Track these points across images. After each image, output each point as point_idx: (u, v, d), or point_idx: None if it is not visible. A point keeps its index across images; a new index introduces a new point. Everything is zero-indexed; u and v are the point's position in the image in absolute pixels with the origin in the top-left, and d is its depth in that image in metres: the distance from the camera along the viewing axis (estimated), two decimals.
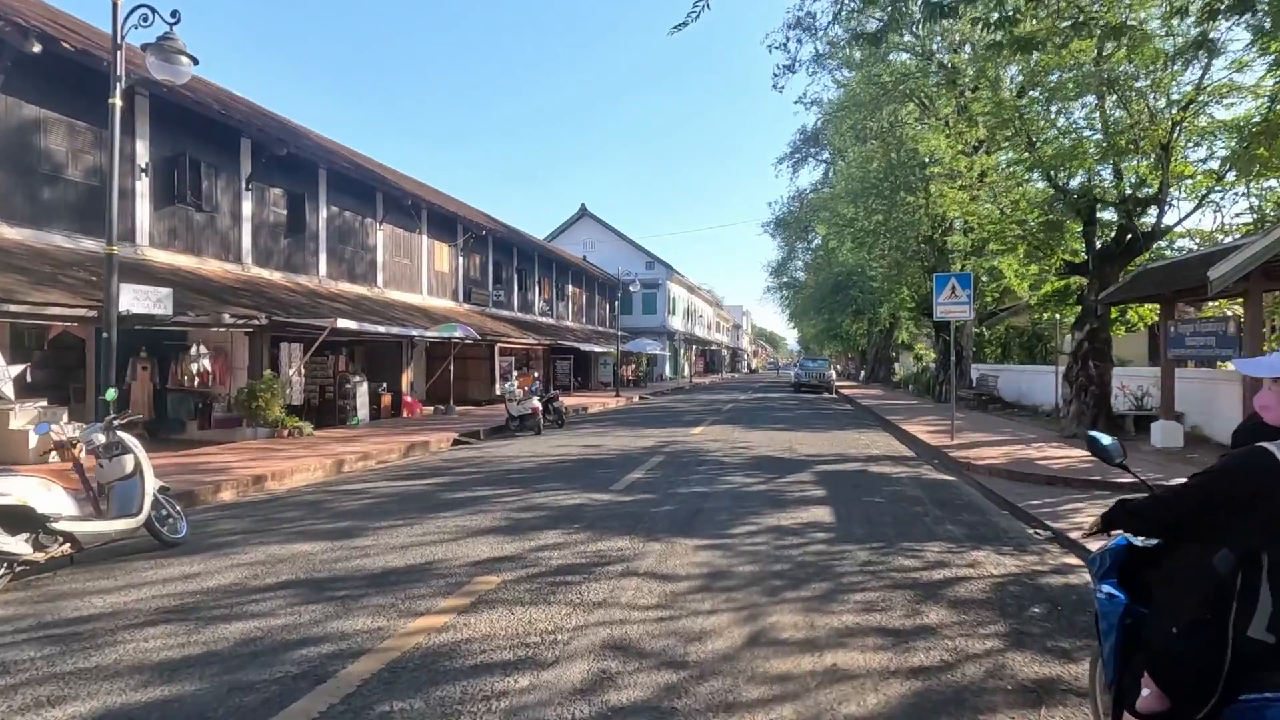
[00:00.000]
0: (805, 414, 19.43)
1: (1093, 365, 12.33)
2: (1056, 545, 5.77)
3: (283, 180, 16.83)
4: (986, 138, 14.96)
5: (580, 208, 52.07)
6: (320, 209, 18.16)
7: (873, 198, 22.20)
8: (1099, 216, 12.89)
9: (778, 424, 16.15)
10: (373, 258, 20.45)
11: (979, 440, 12.15)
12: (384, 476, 9.01)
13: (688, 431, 14.19)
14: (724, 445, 11.93)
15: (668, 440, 12.65)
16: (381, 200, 20.74)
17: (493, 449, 11.76)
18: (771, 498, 7.41)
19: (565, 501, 7.08)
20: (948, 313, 12.15)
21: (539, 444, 12.31)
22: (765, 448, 11.67)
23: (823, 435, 13.76)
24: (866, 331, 44.69)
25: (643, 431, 14.29)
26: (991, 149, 14.95)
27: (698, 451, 11.10)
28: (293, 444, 11.41)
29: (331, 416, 15.32)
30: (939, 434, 13.06)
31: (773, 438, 13.20)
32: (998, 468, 9.17)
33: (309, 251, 17.81)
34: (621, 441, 12.50)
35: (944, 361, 23.28)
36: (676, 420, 17.03)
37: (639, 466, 9.42)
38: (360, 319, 15.26)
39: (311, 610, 3.96)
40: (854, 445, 12.24)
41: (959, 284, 11.99)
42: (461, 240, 25.63)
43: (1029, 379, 20.02)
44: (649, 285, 51.55)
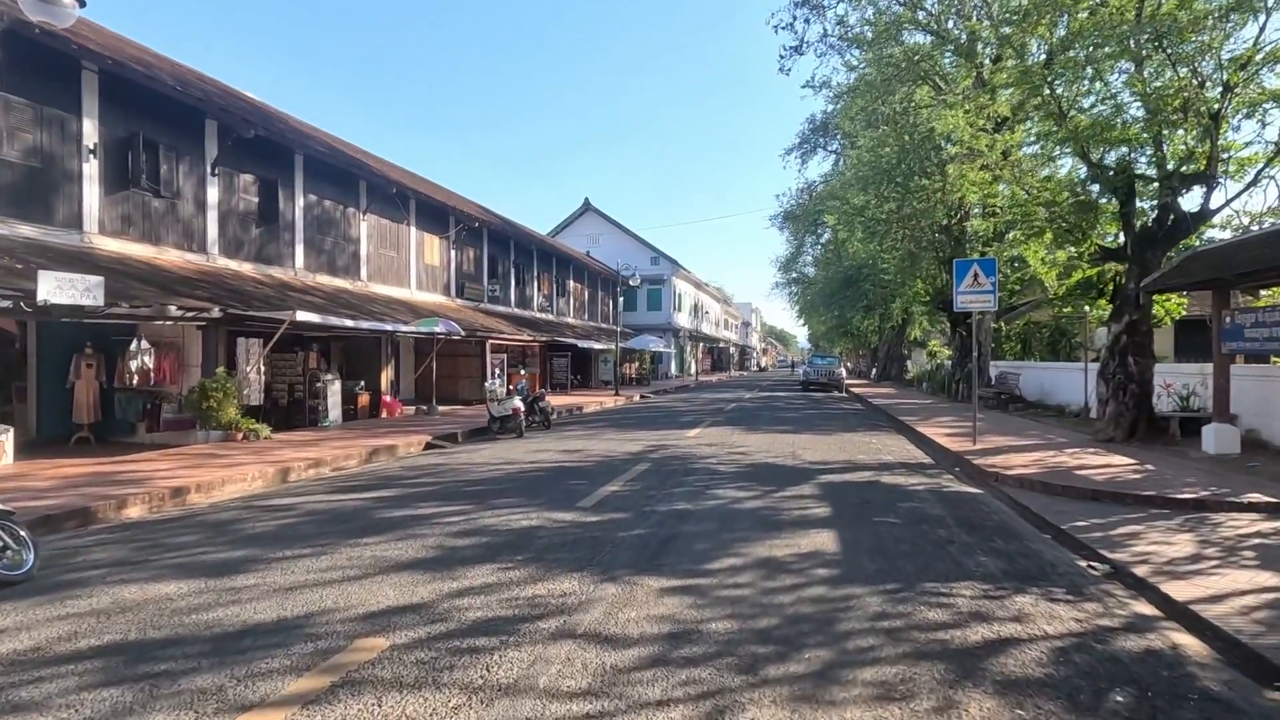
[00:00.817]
0: (812, 415, 18.20)
1: (1132, 361, 11.05)
2: (1120, 586, 4.56)
3: (254, 165, 15.79)
4: (1010, 114, 13.66)
5: (584, 202, 50.97)
6: (296, 197, 17.13)
7: (885, 184, 20.92)
8: (1138, 196, 11.59)
9: (781, 426, 14.94)
10: (356, 249, 19.40)
11: (1004, 444, 10.91)
12: (326, 488, 7.91)
13: (682, 434, 13.03)
14: (719, 451, 10.75)
15: (658, 444, 11.49)
16: (365, 189, 19.70)
17: (463, 455, 10.65)
18: (765, 518, 6.23)
19: (517, 523, 5.95)
20: (969, 302, 10.91)
21: (516, 449, 11.18)
22: (765, 454, 10.48)
23: (830, 439, 12.55)
24: (878, 328, 43.29)
25: (633, 434, 13.13)
26: (1015, 125, 13.65)
27: (688, 458, 9.93)
28: (242, 449, 10.35)
29: (301, 417, 14.27)
30: (959, 437, 11.82)
31: (774, 442, 12.01)
32: (1031, 479, 7.94)
33: (284, 242, 16.77)
34: (607, 446, 11.35)
35: (960, 358, 21.97)
36: (673, 421, 15.87)
37: (618, 477, 8.27)
38: (331, 313, 14.21)
39: (98, 700, 2.83)
40: (864, 450, 11.03)
41: (982, 270, 10.75)
42: (453, 232, 24.57)
43: (1053, 377, 18.68)
44: (654, 281, 50.39)
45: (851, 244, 25.27)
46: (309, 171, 17.46)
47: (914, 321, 40.36)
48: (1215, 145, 10.20)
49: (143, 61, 12.96)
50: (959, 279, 10.96)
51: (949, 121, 14.76)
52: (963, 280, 10.91)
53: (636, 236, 50.95)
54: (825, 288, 40.09)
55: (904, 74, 20.92)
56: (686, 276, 54.77)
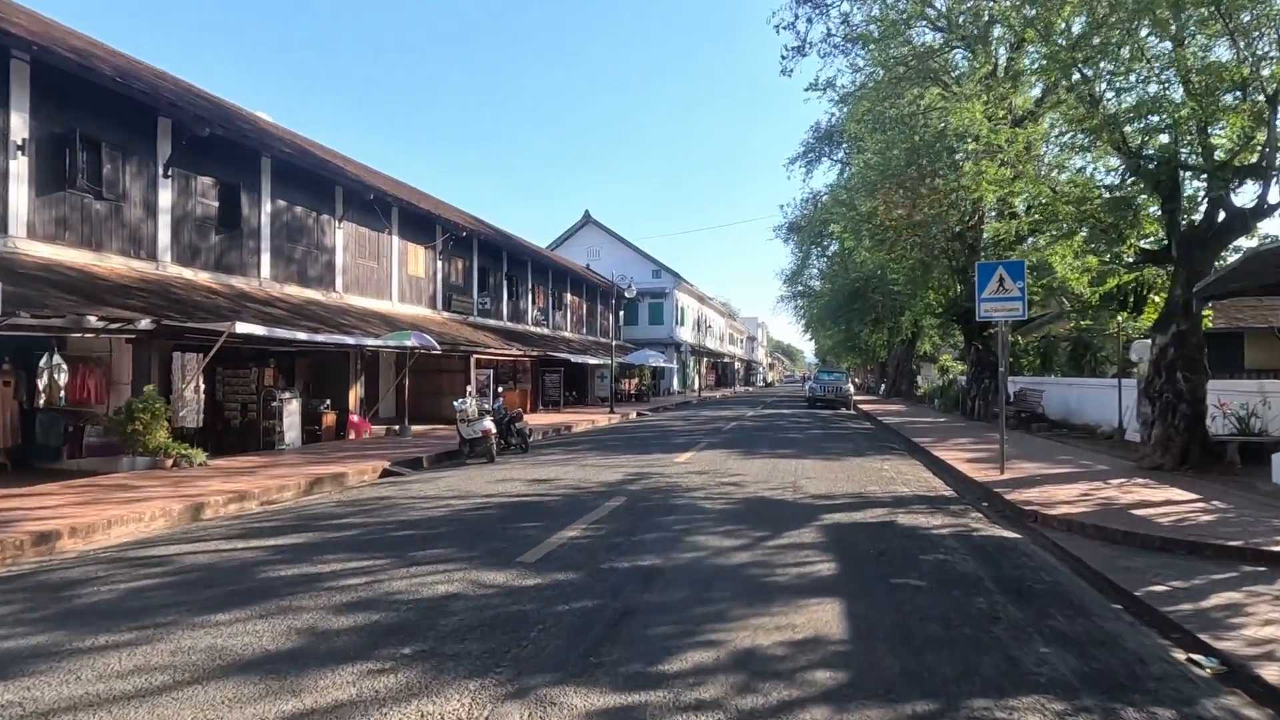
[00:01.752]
0: (817, 435, 16.81)
1: (1182, 378, 9.67)
2: (1246, 698, 3.20)
3: (214, 168, 14.68)
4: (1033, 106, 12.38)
5: (584, 214, 49.97)
6: (263, 202, 16.01)
7: (894, 189, 19.68)
8: (1184, 191, 10.27)
9: (784, 449, 13.57)
10: (330, 259, 18.26)
11: (1036, 473, 9.52)
12: (232, 532, 6.62)
13: (671, 460, 11.68)
14: (710, 481, 9.40)
15: (641, 472, 10.16)
16: (341, 195, 18.59)
17: (417, 485, 9.34)
18: (753, 580, 4.90)
19: (432, 589, 4.63)
20: (994, 310, 9.58)
21: (479, 477, 9.87)
22: (762, 484, 9.13)
23: (837, 465, 11.18)
24: (887, 342, 41.86)
25: (617, 459, 11.80)
26: (1039, 116, 12.37)
27: (672, 491, 8.59)
28: (162, 480, 9.08)
29: (255, 440, 13.02)
30: (982, 464, 10.44)
31: (774, 469, 10.65)
32: (1079, 520, 6.56)
33: (248, 250, 15.63)
34: (582, 474, 10.02)
35: (976, 373, 20.57)
36: (665, 443, 14.52)
37: (583, 517, 6.94)
38: (288, 325, 13.00)
39: None
40: (876, 479, 9.66)
41: (1008, 274, 9.42)
42: (440, 242, 23.44)
43: (1079, 394, 17.26)
44: (655, 295, 49.22)
45: (859, 253, 23.98)
46: (278, 175, 16.37)
47: (924, 335, 38.94)
48: (1276, 132, 8.90)
49: (78, 51, 11.86)
50: (982, 284, 9.64)
51: (964, 115, 13.50)
52: (986, 285, 9.59)
53: (638, 249, 49.87)
54: (832, 301, 38.78)
55: (912, 73, 19.76)
56: (689, 290, 53.57)
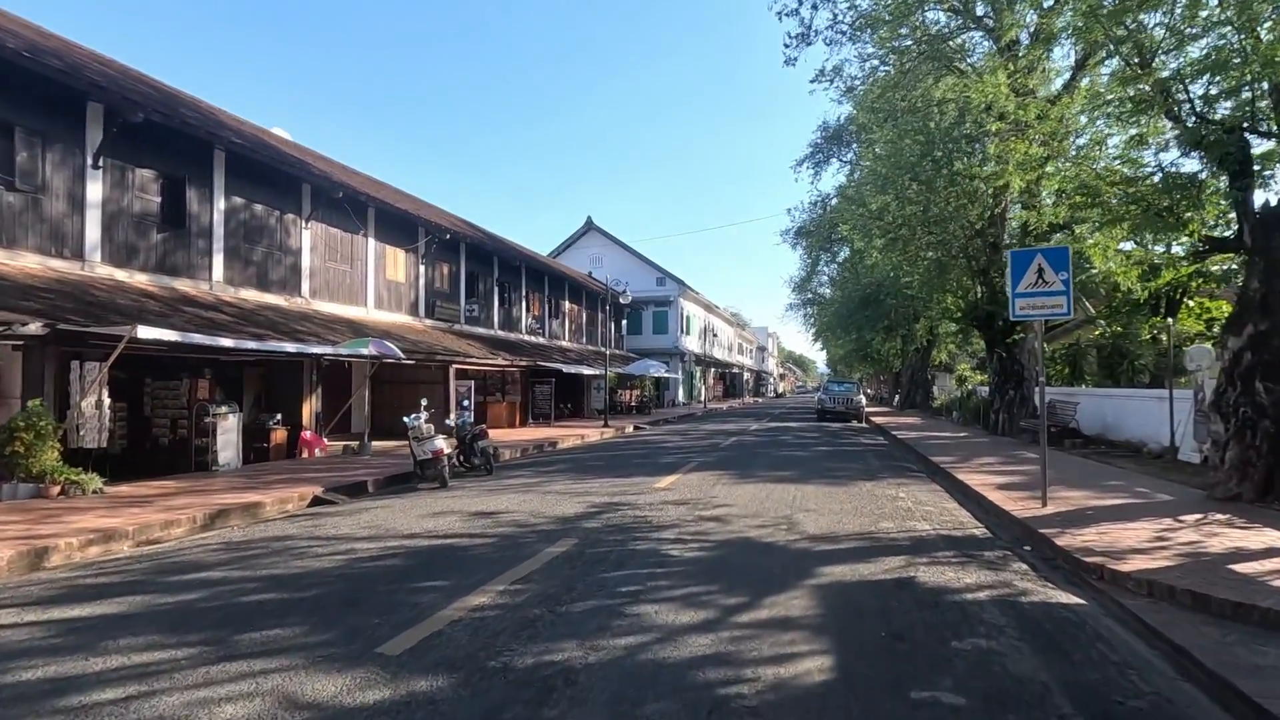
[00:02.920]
0: (824, 453, 15.12)
1: (1262, 388, 7.96)
2: None
3: (156, 160, 13.37)
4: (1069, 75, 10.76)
5: (586, 221, 48.65)
6: (215, 199, 14.67)
7: (907, 183, 18.09)
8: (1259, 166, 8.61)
9: (784, 470, 11.92)
10: (295, 262, 16.90)
11: (1086, 504, 7.83)
12: (42, 592, 5.10)
13: (651, 485, 10.08)
14: (687, 515, 7.78)
15: (610, 503, 8.56)
16: (309, 194, 17.26)
17: (334, 520, 7.80)
18: (706, 689, 3.30)
19: (211, 715, 3.07)
20: (1031, 308, 7.94)
21: (414, 509, 8.32)
22: (750, 519, 7.51)
23: (843, 492, 9.53)
24: (900, 350, 40.03)
25: (589, 485, 10.22)
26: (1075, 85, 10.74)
27: (636, 530, 6.98)
28: (29, 512, 7.58)
29: (187, 460, 11.57)
30: (1018, 491, 8.75)
31: (769, 497, 9.02)
32: (1165, 581, 4.89)
33: (197, 250, 14.28)
34: (540, 505, 8.44)
35: (999, 383, 18.80)
36: (651, 463, 12.91)
37: (506, 573, 5.37)
38: (226, 331, 11.59)
39: None
40: (889, 512, 8.01)
41: (1049, 264, 7.79)
42: (422, 244, 22.07)
43: (1119, 406, 15.47)
44: (660, 303, 47.73)
45: (870, 254, 22.32)
46: (234, 170, 15.04)
47: (940, 343, 37.09)
48: None
49: None
50: (1015, 277, 8.01)
51: (986, 90, 11.91)
52: (1021, 278, 7.96)
53: (641, 256, 48.43)
54: (842, 308, 37.07)
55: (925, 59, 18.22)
56: (695, 298, 52.01)
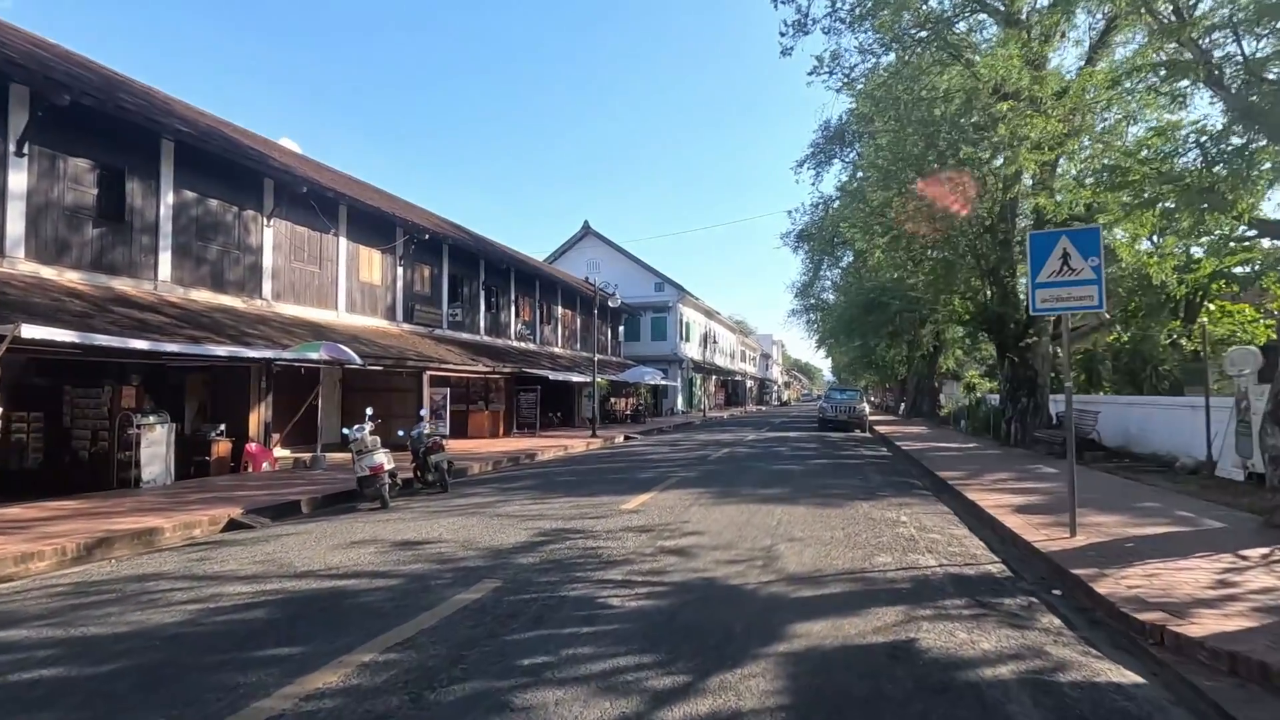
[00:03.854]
0: (820, 467, 13.87)
1: None
2: None
3: (93, 148, 12.34)
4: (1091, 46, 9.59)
5: (583, 225, 47.62)
6: (162, 192, 13.63)
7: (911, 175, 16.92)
8: None
9: (773, 487, 10.69)
10: (256, 261, 15.83)
11: (1124, 533, 6.58)
12: None
13: (618, 505, 8.87)
14: (645, 547, 6.57)
15: (562, 529, 7.36)
16: (272, 189, 16.20)
17: (234, 550, 6.63)
18: None
19: None
20: (1055, 300, 6.71)
21: (331, 537, 7.14)
22: (719, 553, 6.29)
23: (836, 514, 8.30)
24: (906, 357, 38.70)
25: (548, 505, 9.02)
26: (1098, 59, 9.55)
27: (578, 568, 5.78)
28: None
29: (109, 475, 10.44)
30: (1040, 516, 7.50)
31: (749, 521, 7.80)
32: (1253, 654, 3.65)
33: (140, 248, 13.22)
34: (478, 533, 7.25)
35: (1011, 391, 17.51)
36: (627, 480, 11.70)
37: (388, 631, 4.18)
38: (158, 334, 10.49)
39: None
40: (888, 541, 6.78)
41: (1075, 247, 6.57)
42: (400, 245, 21.00)
43: (1143, 415, 14.18)
44: (658, 309, 46.59)
45: (873, 254, 21.10)
46: (185, 162, 14.00)
47: (947, 349, 35.79)
48: None
49: None
50: (1036, 264, 6.79)
51: (997, 65, 10.74)
52: (1042, 266, 6.75)
53: (640, 262, 47.35)
54: (845, 313, 35.82)
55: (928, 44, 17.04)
56: (695, 304, 50.84)
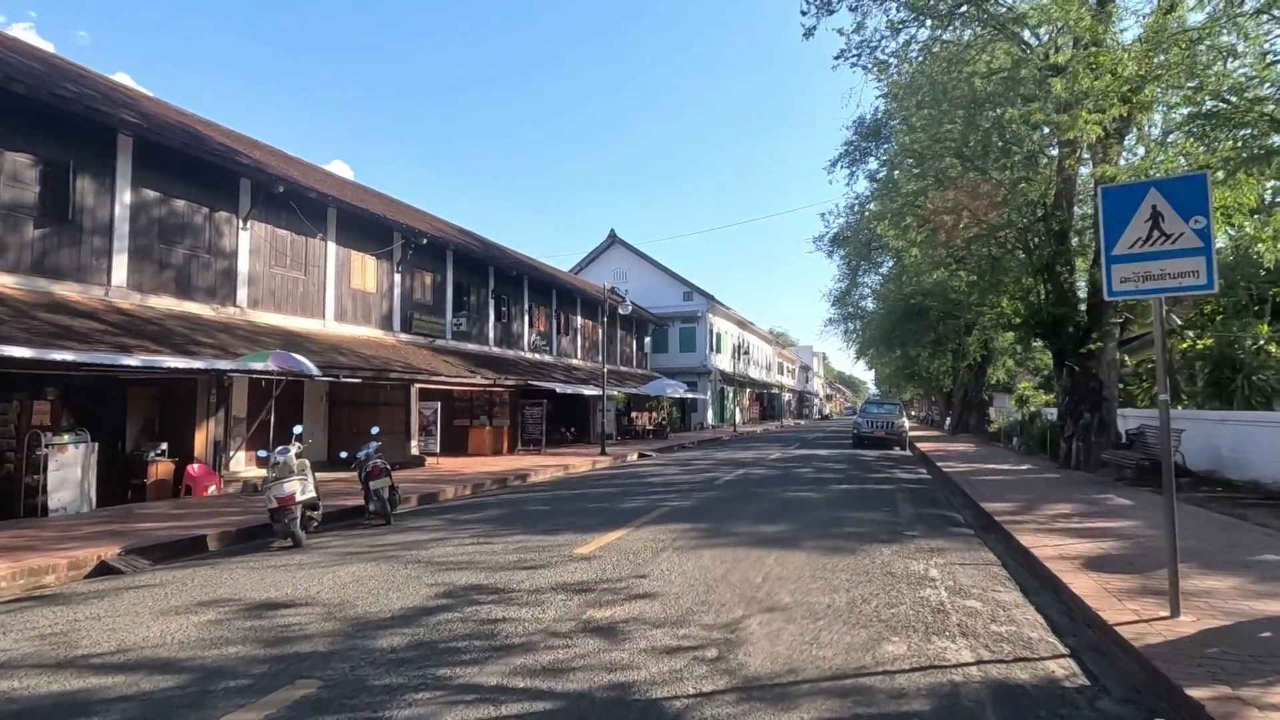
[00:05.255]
0: (842, 494, 11.89)
1: None
2: None
3: (35, 142, 11.37)
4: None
5: (609, 234, 46.30)
6: (118, 190, 12.62)
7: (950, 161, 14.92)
8: None
9: (775, 522, 8.83)
10: (230, 266, 14.74)
11: (1248, 610, 4.57)
12: None
13: (572, 549, 7.15)
14: (565, 620, 4.83)
15: (482, 583, 5.72)
16: (249, 190, 15.15)
17: (36, 617, 5.17)
18: None
19: None
20: (1144, 279, 4.77)
21: (189, 591, 5.66)
22: (663, 632, 4.54)
23: (845, 565, 6.43)
24: (951, 368, 36.01)
25: (486, 548, 7.37)
26: None
27: (454, 656, 4.08)
28: None
29: (15, 502, 9.22)
30: (1121, 573, 5.52)
31: (725, 575, 6.01)
32: None
33: (90, 250, 12.20)
34: (365, 592, 5.64)
35: (1071, 405, 15.16)
36: (606, 510, 9.98)
37: None
38: (79, 343, 9.30)
39: None
40: (905, 618, 4.91)
41: (1172, 204, 4.65)
42: (398, 250, 19.84)
43: (1240, 434, 11.80)
44: (687, 319, 44.86)
45: (909, 252, 19.03)
46: (146, 159, 12.99)
47: (996, 359, 33.03)
48: None
49: None
50: (1113, 230, 4.88)
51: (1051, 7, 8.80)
52: (1121, 232, 4.84)
53: (668, 270, 45.73)
54: (884, 321, 33.46)
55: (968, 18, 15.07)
56: (726, 313, 48.90)
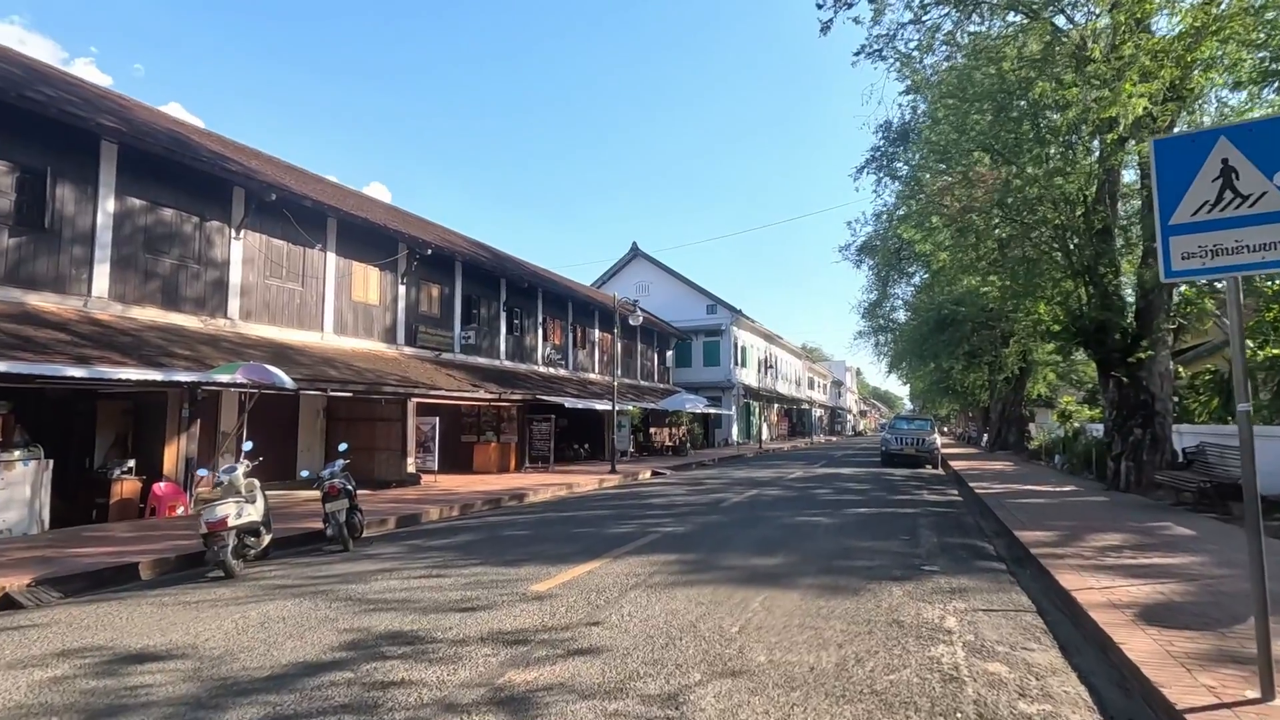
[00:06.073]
0: (857, 519, 10.72)
1: None
2: None
3: (11, 148, 11.04)
4: None
5: (631, 247, 45.64)
6: (100, 198, 12.26)
7: (978, 155, 13.81)
8: None
9: (773, 554, 7.77)
10: (221, 277, 14.31)
11: None
12: None
13: (528, 586, 6.20)
14: (473, 689, 3.84)
15: (401, 630, 4.82)
16: (243, 199, 14.74)
17: None
18: None
19: None
20: (1211, 253, 3.70)
21: (65, 636, 4.87)
22: (587, 708, 3.57)
23: (844, 610, 5.37)
24: (987, 381, 34.26)
25: (441, 581, 6.47)
26: None
27: None
28: None
29: None
30: (1188, 632, 4.38)
31: (693, 625, 5.02)
32: None
33: (69, 260, 11.82)
34: (256, 641, 4.74)
35: (1120, 421, 13.73)
36: (589, 536, 9.01)
37: None
38: (42, 355, 8.78)
39: None
40: (906, 688, 3.83)
41: (1248, 155, 3.59)
42: (403, 261, 19.33)
43: None
44: (710, 332, 43.78)
45: (937, 257, 17.81)
46: (132, 167, 12.64)
47: (1035, 372, 31.24)
48: None
49: None
50: (1170, 191, 3.83)
51: None
52: (1183, 196, 3.79)
53: (691, 283, 44.81)
54: (915, 333, 31.98)
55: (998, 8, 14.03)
56: (751, 326, 47.69)
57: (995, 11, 14.03)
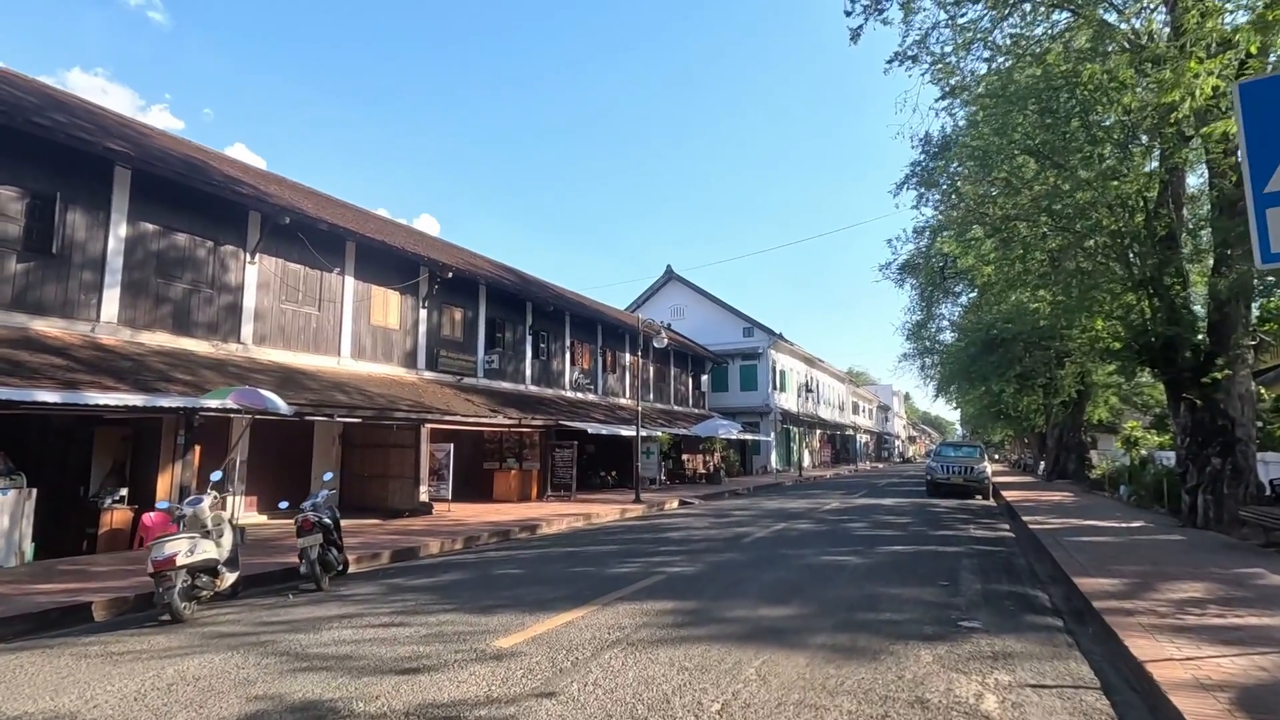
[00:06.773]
0: (890, 558, 9.59)
1: None
2: None
3: (20, 174, 11.06)
4: None
5: (666, 270, 45.07)
6: (113, 224, 12.22)
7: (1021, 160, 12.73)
8: None
9: (785, 603, 6.80)
10: (235, 301, 14.16)
11: None
12: None
13: (492, 641, 5.40)
14: None
15: (313, 700, 4.09)
16: (258, 223, 14.64)
17: None
18: None
19: None
20: None
21: None
22: None
23: (854, 684, 4.43)
24: (1042, 405, 32.21)
25: (400, 632, 5.74)
26: None
27: None
28: None
29: None
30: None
31: (664, 701, 4.15)
32: None
33: (80, 285, 11.75)
34: (173, 701, 4.10)
35: (1195, 449, 12.25)
36: (586, 577, 8.17)
37: None
38: (38, 380, 8.53)
39: None
40: None
41: None
42: (424, 285, 19.07)
43: None
44: (748, 356, 42.71)
45: (981, 273, 16.61)
46: (145, 192, 12.61)
47: (1095, 394, 29.18)
48: None
49: None
50: (1267, 156, 2.91)
51: None
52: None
53: (727, 306, 43.95)
54: (962, 354, 30.30)
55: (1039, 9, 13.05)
56: (790, 350, 46.38)
57: (1037, 10, 13.05)
